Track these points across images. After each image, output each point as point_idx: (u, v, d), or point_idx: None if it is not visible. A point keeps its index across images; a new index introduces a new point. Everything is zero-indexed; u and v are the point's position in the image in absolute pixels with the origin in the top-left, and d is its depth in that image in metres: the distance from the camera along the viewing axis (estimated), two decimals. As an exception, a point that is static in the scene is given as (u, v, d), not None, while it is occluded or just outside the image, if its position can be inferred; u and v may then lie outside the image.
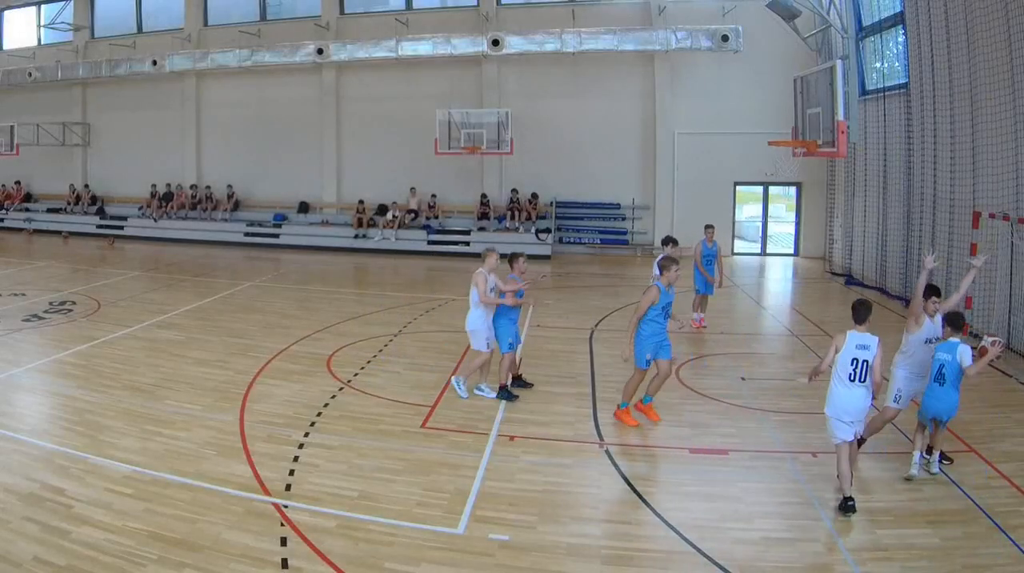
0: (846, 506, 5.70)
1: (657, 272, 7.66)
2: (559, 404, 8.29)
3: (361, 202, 21.40)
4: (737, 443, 7.20)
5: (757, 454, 6.98)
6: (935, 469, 6.37)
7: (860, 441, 6.43)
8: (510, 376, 8.48)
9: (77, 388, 8.56)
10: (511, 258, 8.56)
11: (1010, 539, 5.34)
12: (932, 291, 6.71)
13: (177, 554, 5.10)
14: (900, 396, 6.67)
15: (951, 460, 6.62)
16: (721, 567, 5.05)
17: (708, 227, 11.92)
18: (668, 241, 10.21)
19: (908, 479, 6.27)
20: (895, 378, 6.72)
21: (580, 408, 8.21)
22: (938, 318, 6.63)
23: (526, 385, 8.72)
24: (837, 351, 5.91)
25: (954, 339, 6.28)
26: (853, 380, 5.84)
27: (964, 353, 6.10)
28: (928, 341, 6.60)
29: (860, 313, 6.02)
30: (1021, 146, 10.06)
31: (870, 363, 5.81)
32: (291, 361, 9.84)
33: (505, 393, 8.32)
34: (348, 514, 5.73)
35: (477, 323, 8.35)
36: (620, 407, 7.70)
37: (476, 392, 8.42)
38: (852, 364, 5.83)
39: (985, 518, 5.64)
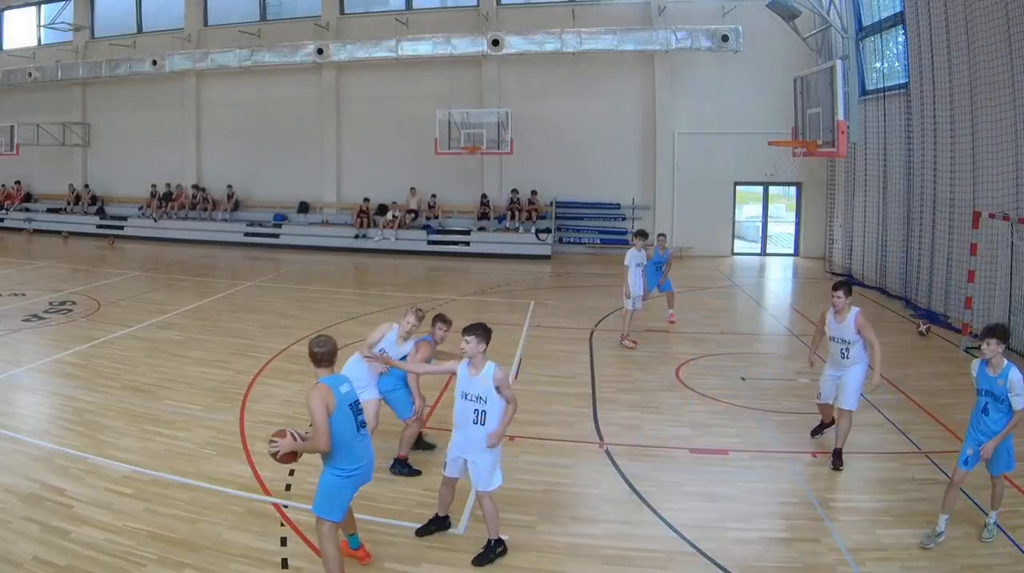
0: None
1: None
2: (559, 404, 8.30)
3: (366, 199, 21.37)
4: (737, 443, 7.20)
5: (757, 454, 6.99)
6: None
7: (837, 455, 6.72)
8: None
9: (77, 388, 8.56)
10: (434, 319, 6.60)
11: (1010, 539, 5.35)
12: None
13: (177, 554, 5.10)
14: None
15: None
16: (721, 567, 5.06)
17: (660, 235, 12.40)
18: (640, 234, 10.94)
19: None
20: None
21: (580, 408, 8.21)
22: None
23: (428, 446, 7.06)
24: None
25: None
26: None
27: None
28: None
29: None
30: (1021, 146, 10.06)
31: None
32: (291, 361, 9.84)
33: (402, 467, 6.53)
34: (348, 514, 5.72)
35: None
36: None
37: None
38: None
39: (985, 518, 5.63)
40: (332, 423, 4.56)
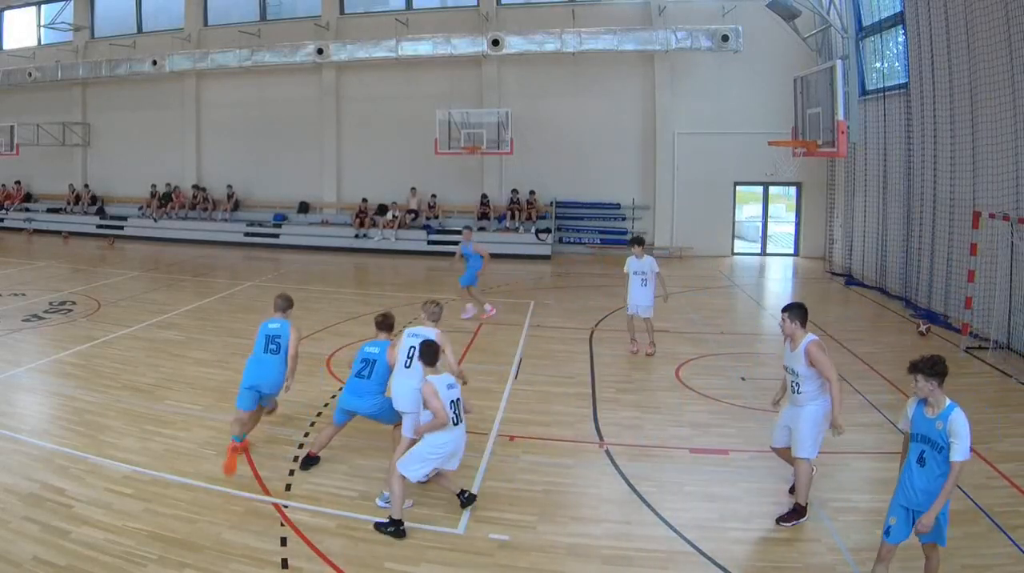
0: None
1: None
2: (559, 404, 8.29)
3: (364, 200, 21.40)
4: (737, 443, 7.20)
5: (757, 454, 6.98)
6: None
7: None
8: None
9: (77, 388, 8.56)
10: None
11: (1010, 539, 5.34)
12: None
13: (177, 554, 5.10)
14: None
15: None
16: (721, 567, 5.06)
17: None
18: (636, 241, 10.47)
19: None
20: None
21: (580, 408, 8.21)
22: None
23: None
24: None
25: None
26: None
27: None
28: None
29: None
30: (1021, 146, 10.06)
31: None
32: (291, 361, 9.82)
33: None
34: (348, 514, 5.73)
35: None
36: None
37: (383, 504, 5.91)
38: None
39: (985, 518, 5.64)
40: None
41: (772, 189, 21.15)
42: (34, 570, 4.85)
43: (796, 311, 5.74)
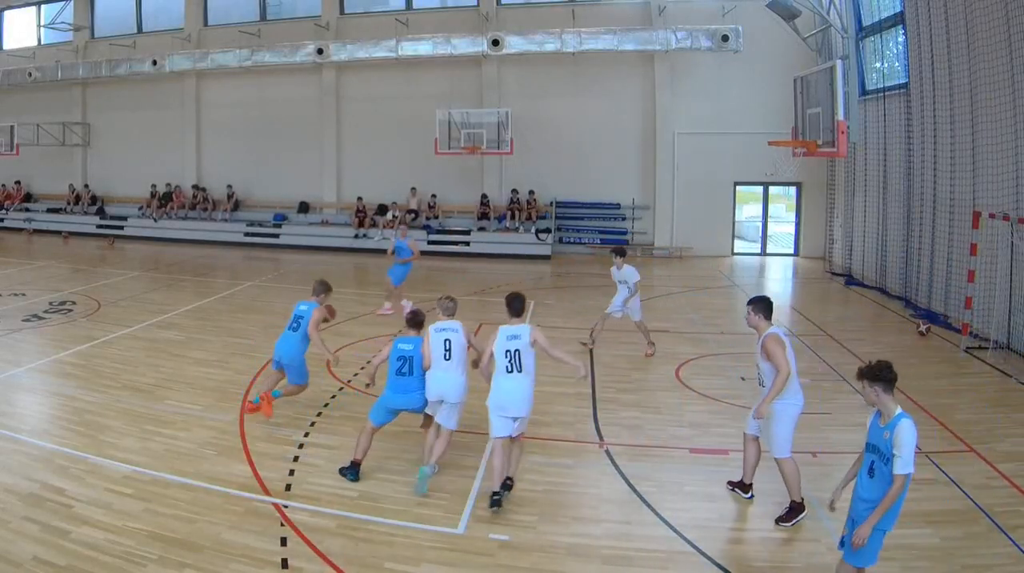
0: (492, 500, 5.76)
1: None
2: (559, 404, 8.29)
3: (360, 199, 21.41)
4: (737, 443, 7.16)
5: (757, 454, 6.97)
6: None
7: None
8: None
9: (77, 388, 8.56)
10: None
11: (1010, 539, 5.34)
12: None
13: (177, 554, 5.10)
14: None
15: None
16: (721, 567, 5.06)
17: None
18: (619, 252, 10.53)
19: None
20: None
21: (580, 408, 8.21)
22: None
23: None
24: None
25: None
26: (511, 371, 5.89)
27: None
28: None
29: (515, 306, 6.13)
30: (1021, 146, 10.06)
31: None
32: (291, 361, 9.82)
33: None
34: (348, 514, 5.73)
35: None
36: None
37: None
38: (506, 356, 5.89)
39: (985, 518, 5.64)
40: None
41: (772, 189, 21.16)
42: (34, 570, 4.84)
43: (760, 304, 5.83)
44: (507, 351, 5.89)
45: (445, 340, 6.28)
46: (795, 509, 5.67)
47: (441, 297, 6.68)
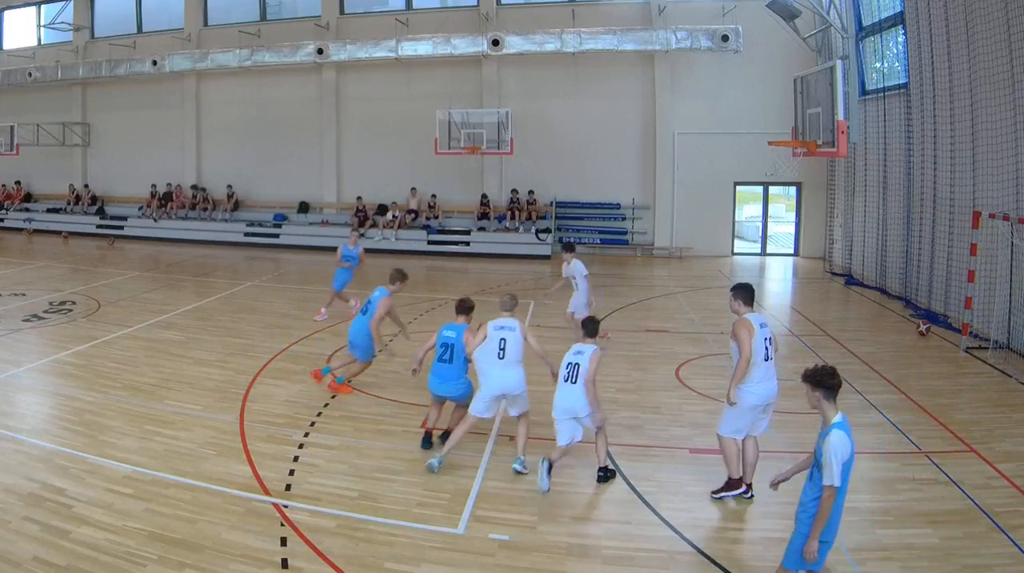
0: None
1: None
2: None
3: (359, 198, 21.42)
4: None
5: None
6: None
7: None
8: None
9: (77, 388, 8.56)
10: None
11: (1010, 539, 5.34)
12: None
13: (177, 554, 5.10)
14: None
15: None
16: (721, 567, 5.06)
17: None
18: (568, 247, 10.90)
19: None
20: None
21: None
22: None
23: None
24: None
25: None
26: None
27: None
28: None
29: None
30: (1021, 146, 10.06)
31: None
32: (291, 361, 9.84)
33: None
34: (348, 514, 5.73)
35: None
36: None
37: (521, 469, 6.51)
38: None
39: (985, 518, 5.64)
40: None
41: (772, 189, 21.16)
42: (34, 570, 4.84)
43: (739, 291, 6.10)
44: (568, 364, 6.26)
45: (501, 339, 6.47)
46: (729, 485, 5.98)
47: (503, 294, 6.94)
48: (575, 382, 6.12)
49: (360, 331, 8.26)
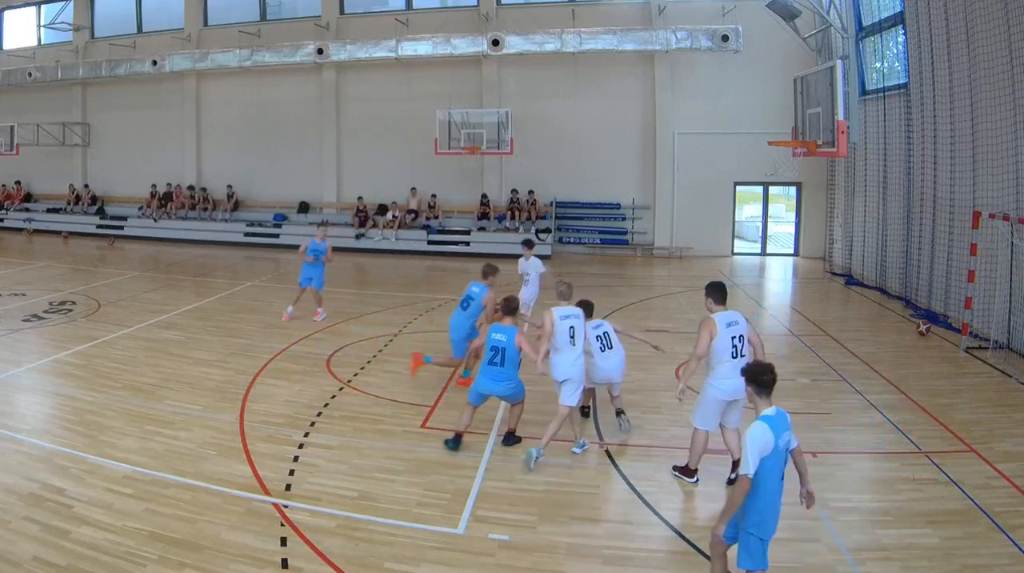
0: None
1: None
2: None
3: (360, 198, 21.43)
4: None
5: (757, 454, 6.97)
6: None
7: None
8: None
9: (77, 388, 8.56)
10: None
11: (1010, 539, 5.34)
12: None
13: (177, 554, 5.10)
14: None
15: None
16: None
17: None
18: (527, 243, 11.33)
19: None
20: None
21: (580, 408, 8.19)
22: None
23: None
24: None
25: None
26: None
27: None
28: None
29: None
30: (1021, 146, 10.06)
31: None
32: (291, 361, 9.84)
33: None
34: (348, 514, 5.73)
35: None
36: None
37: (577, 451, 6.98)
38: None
39: (985, 518, 5.63)
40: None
41: (772, 189, 21.16)
42: (34, 570, 4.84)
43: (710, 289, 6.29)
44: (598, 336, 7.19)
45: (570, 327, 6.79)
46: (686, 470, 6.36)
47: (558, 282, 7.20)
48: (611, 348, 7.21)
49: (457, 326, 8.61)
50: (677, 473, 6.42)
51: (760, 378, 4.34)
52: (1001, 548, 5.26)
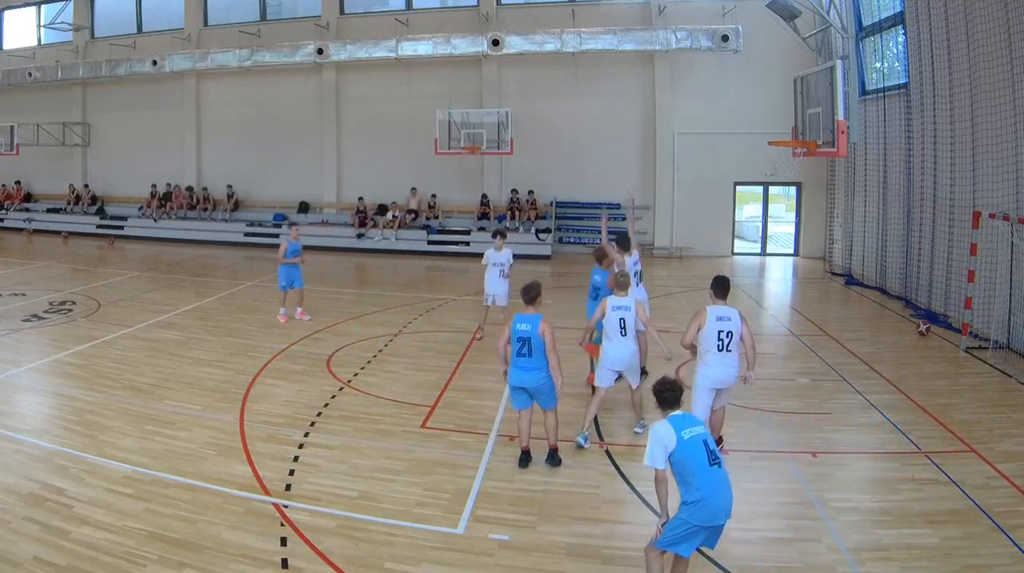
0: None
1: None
2: (559, 404, 8.27)
3: (361, 199, 21.45)
4: (737, 443, 7.20)
5: (757, 454, 6.99)
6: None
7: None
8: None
9: (77, 388, 8.56)
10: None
11: (1010, 539, 5.34)
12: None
13: (177, 554, 5.10)
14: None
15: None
16: (721, 567, 5.06)
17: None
18: (497, 233, 11.48)
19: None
20: None
21: (580, 408, 8.19)
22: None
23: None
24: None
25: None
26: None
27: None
28: None
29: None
30: (1021, 146, 10.06)
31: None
32: (291, 361, 9.84)
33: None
34: (348, 514, 5.73)
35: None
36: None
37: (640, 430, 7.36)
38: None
39: (985, 518, 5.64)
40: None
41: (772, 189, 21.15)
42: (34, 570, 4.85)
43: (713, 283, 6.81)
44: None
45: (620, 319, 7.20)
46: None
47: (616, 274, 7.63)
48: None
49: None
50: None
51: (659, 395, 4.76)
52: (1001, 548, 5.26)
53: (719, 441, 6.77)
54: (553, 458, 6.68)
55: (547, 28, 19.23)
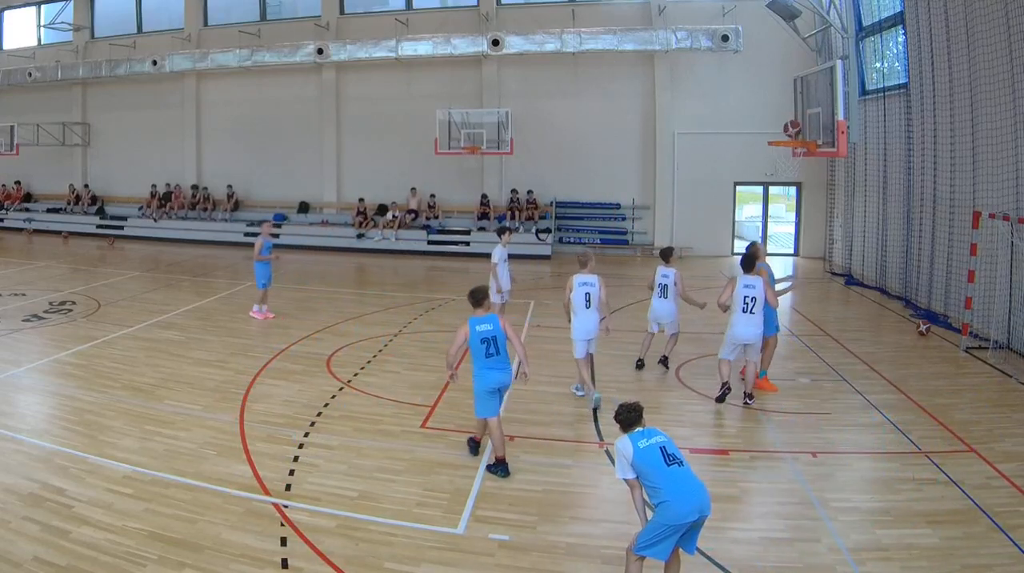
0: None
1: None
2: (559, 404, 8.30)
3: (361, 199, 21.46)
4: (737, 443, 7.21)
5: (757, 454, 6.99)
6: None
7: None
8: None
9: (77, 388, 8.56)
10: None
11: (1010, 539, 5.34)
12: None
13: (177, 554, 5.10)
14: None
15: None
16: (721, 567, 5.06)
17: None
18: (503, 230, 12.22)
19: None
20: None
21: (580, 408, 8.22)
22: None
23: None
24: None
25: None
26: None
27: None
28: None
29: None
30: (1021, 146, 10.06)
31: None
32: (291, 361, 9.84)
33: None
34: (348, 514, 5.73)
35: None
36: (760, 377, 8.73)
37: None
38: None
39: (985, 518, 5.64)
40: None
41: (772, 189, 21.16)
42: (34, 570, 4.85)
43: (741, 259, 8.26)
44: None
45: (586, 293, 8.14)
46: (727, 387, 8.19)
47: (580, 254, 8.55)
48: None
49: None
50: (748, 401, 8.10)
51: (617, 419, 4.89)
52: (1001, 548, 5.26)
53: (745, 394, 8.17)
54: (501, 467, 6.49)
55: (547, 28, 19.23)
